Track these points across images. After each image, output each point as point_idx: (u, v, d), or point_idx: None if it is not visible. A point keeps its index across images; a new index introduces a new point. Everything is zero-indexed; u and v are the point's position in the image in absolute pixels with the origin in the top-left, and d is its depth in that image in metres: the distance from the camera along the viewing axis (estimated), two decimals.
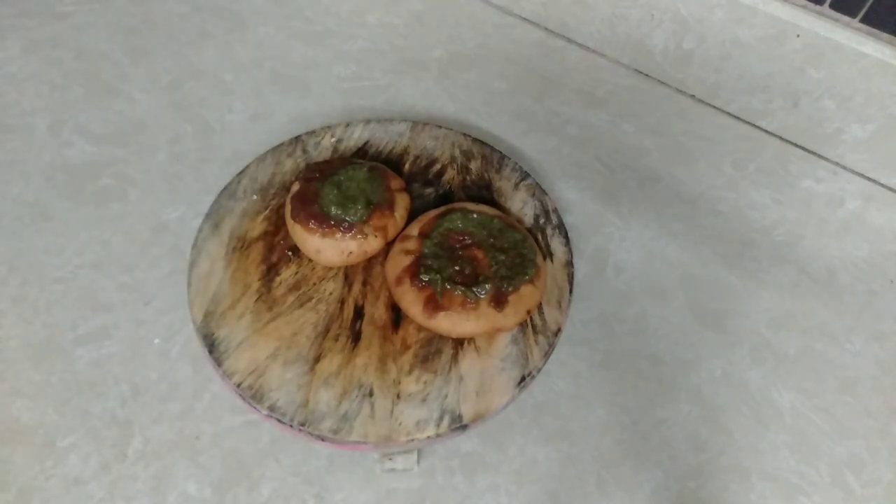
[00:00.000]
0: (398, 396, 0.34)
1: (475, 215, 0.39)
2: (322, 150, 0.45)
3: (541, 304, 0.38)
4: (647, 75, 0.56)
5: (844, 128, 0.48)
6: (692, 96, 0.55)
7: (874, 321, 0.42)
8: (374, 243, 0.39)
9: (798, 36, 0.46)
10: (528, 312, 0.36)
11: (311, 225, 0.38)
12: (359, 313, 0.37)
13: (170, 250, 0.43)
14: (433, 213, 0.40)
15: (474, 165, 0.45)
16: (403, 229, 0.40)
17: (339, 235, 0.38)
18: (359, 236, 0.38)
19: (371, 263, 0.40)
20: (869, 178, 0.50)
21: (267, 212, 0.41)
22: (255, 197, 0.42)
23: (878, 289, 0.44)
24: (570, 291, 0.38)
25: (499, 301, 0.36)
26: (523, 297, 0.36)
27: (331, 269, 0.39)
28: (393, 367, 0.35)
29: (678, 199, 0.48)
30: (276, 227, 0.41)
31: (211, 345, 0.35)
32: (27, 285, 0.41)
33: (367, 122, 0.47)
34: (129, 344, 0.39)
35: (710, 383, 0.39)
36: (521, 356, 0.35)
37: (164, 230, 0.44)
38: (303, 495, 0.34)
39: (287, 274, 0.39)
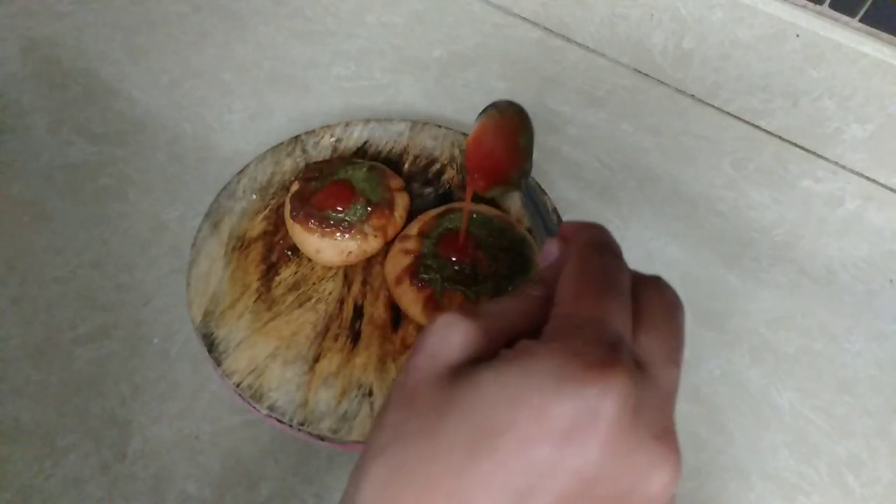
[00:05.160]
0: None
1: (475, 215, 0.39)
2: (321, 149, 0.45)
3: None
4: (646, 75, 0.56)
5: (844, 127, 0.48)
6: (692, 96, 0.55)
7: (873, 321, 0.42)
8: (373, 243, 0.39)
9: (798, 36, 0.46)
10: None
11: (310, 224, 0.38)
12: (358, 313, 0.37)
13: (169, 250, 0.43)
14: (433, 212, 0.40)
15: None
16: (403, 229, 0.40)
17: (338, 235, 0.38)
18: (358, 236, 0.38)
19: (370, 263, 0.40)
20: (868, 178, 0.50)
21: (266, 211, 0.41)
22: (254, 196, 0.42)
23: (878, 288, 0.44)
24: None
25: None
26: None
27: (330, 268, 0.39)
28: (392, 367, 0.35)
29: (678, 199, 0.48)
30: (276, 226, 0.41)
31: (210, 344, 0.35)
32: (27, 285, 0.41)
33: (367, 121, 0.47)
34: (129, 343, 0.39)
35: (710, 383, 0.39)
36: None
37: (164, 230, 0.44)
38: (302, 495, 0.34)
39: (286, 273, 0.39)
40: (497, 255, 0.37)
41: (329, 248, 0.38)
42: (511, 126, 0.32)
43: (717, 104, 0.54)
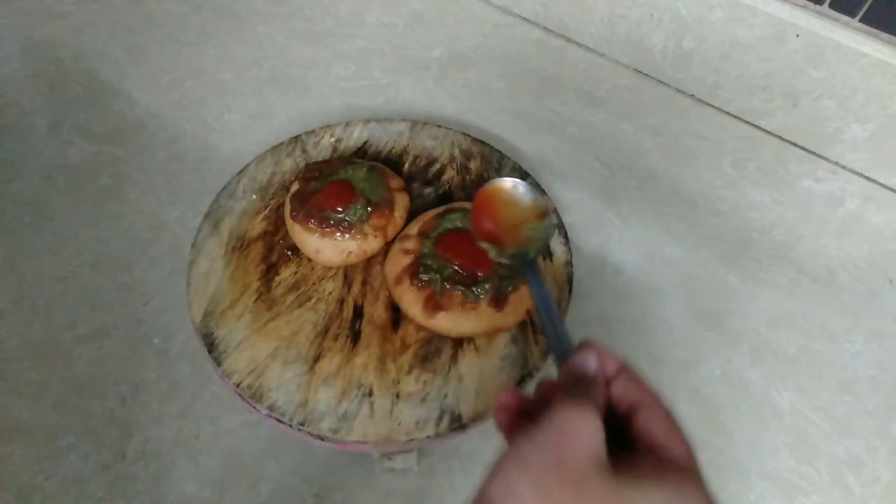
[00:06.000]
0: (397, 396, 0.34)
1: None
2: (321, 149, 0.45)
3: None
4: (646, 75, 0.56)
5: (844, 127, 0.48)
6: (692, 96, 0.55)
7: (873, 321, 0.42)
8: (373, 243, 0.39)
9: (797, 36, 0.46)
10: (528, 312, 0.36)
11: (310, 224, 0.38)
12: (358, 313, 0.37)
13: (169, 250, 0.43)
14: (433, 212, 0.40)
15: (474, 165, 0.45)
16: (403, 229, 0.40)
17: (338, 235, 0.38)
18: (358, 236, 0.38)
19: (370, 263, 0.40)
20: (868, 178, 0.50)
21: (266, 211, 0.41)
22: (254, 196, 0.42)
23: (878, 288, 0.44)
24: (570, 291, 0.38)
25: (498, 301, 0.36)
26: (523, 297, 0.36)
27: (330, 268, 0.39)
28: (392, 367, 0.35)
29: (678, 199, 0.48)
30: (276, 226, 0.41)
31: (210, 344, 0.35)
32: (27, 285, 0.41)
33: (367, 121, 0.47)
34: (129, 343, 0.39)
35: (710, 383, 0.39)
36: (521, 356, 0.35)
37: (164, 229, 0.44)
38: (302, 495, 0.34)
39: (286, 273, 0.39)
40: None
41: (329, 248, 0.38)
42: (517, 213, 0.34)
43: (717, 104, 0.54)
